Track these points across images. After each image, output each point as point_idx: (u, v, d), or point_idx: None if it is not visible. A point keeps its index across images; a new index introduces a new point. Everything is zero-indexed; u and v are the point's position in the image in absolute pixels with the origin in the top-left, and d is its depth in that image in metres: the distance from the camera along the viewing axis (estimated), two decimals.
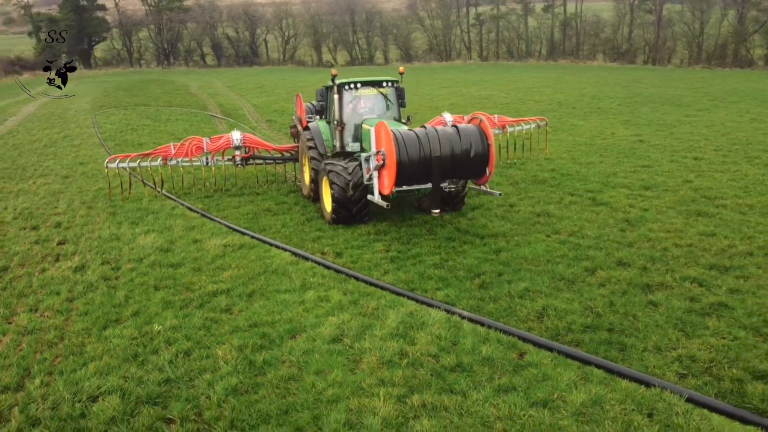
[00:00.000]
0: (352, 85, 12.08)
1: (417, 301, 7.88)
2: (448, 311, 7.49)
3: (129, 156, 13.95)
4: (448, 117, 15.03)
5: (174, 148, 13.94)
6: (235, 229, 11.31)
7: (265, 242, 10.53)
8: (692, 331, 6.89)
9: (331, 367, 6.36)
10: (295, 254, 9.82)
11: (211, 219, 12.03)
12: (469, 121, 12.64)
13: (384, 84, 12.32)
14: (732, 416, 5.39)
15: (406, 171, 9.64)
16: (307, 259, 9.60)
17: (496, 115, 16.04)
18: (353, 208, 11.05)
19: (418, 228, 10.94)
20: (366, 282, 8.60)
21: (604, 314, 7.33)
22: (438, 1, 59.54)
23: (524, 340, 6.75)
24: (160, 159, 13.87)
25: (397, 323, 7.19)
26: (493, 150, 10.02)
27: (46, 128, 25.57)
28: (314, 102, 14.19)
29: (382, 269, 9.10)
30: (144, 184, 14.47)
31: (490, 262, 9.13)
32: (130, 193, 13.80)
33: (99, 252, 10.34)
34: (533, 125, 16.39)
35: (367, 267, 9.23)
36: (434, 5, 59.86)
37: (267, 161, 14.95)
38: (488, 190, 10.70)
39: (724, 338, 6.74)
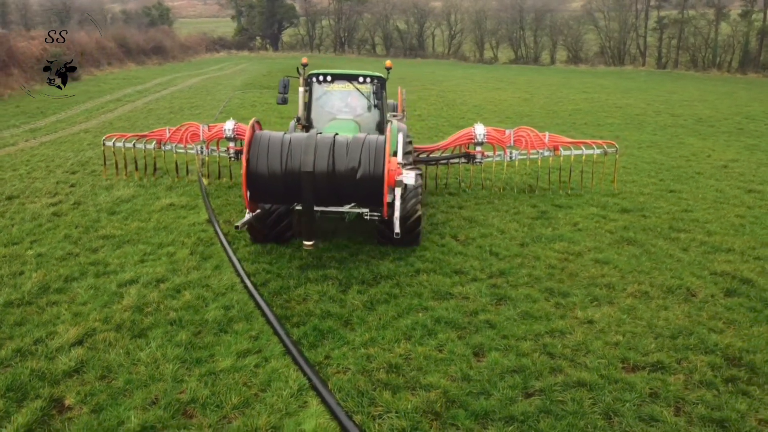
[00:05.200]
0: (322, 78, 10.74)
1: (234, 266, 8.68)
2: (241, 279, 8.21)
3: (125, 136, 14.05)
4: (480, 129, 12.94)
5: (169, 132, 13.69)
6: (203, 191, 12.80)
7: (205, 204, 11.92)
8: (418, 339, 6.81)
9: (93, 300, 7.55)
10: (208, 218, 11.09)
11: (200, 183, 13.65)
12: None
13: (362, 80, 10.73)
14: (332, 411, 5.53)
15: (263, 185, 7.98)
16: (210, 222, 10.81)
17: (546, 133, 13.73)
18: (263, 225, 9.29)
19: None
20: (223, 246, 9.55)
21: (363, 315, 7.47)
22: (616, 2, 55.79)
23: (269, 322, 7.12)
24: (154, 142, 13.82)
25: (185, 281, 8.12)
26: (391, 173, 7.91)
27: (186, 98, 29.70)
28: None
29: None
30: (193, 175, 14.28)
31: (340, 257, 9.46)
32: (126, 174, 14.06)
33: (82, 195, 12.56)
34: (597, 150, 13.62)
35: (246, 238, 10.11)
36: (612, 5, 56.22)
37: None
38: (394, 224, 8.17)
39: (440, 351, 6.59)
